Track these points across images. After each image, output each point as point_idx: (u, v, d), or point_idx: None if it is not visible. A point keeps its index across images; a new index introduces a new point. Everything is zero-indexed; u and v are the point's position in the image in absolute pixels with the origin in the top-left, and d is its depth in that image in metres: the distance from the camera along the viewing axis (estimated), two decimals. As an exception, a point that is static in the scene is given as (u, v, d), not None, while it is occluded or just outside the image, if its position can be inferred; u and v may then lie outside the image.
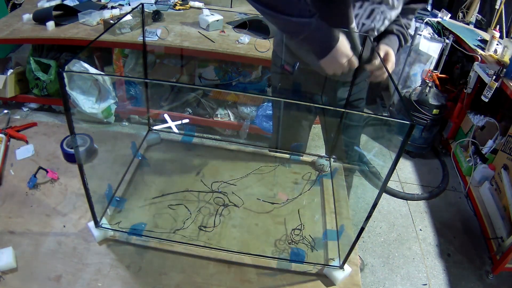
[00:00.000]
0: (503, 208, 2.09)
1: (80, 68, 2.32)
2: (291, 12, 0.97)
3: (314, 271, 0.97)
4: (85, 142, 1.23)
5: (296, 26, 0.99)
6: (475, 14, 3.27)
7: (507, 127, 2.31)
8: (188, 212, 1.06)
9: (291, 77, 1.29)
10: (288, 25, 1.01)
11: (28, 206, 1.04)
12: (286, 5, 0.96)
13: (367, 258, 2.03)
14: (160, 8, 2.64)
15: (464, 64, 2.88)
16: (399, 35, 1.19)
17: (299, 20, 0.97)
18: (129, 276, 0.90)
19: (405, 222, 2.29)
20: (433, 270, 2.02)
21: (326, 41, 1.02)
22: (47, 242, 0.95)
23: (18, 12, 2.61)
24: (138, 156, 1.24)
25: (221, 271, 0.94)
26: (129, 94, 2.69)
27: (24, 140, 1.27)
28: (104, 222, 0.98)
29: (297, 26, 0.99)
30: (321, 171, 1.29)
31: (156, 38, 2.30)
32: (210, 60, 2.65)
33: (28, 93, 2.69)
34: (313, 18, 0.98)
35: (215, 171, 1.24)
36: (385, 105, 3.27)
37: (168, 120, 2.60)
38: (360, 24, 1.11)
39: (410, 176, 2.69)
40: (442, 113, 2.65)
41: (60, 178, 1.14)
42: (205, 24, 2.44)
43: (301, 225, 1.07)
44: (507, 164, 2.16)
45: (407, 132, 0.67)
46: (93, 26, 2.39)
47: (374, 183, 2.51)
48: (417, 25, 2.84)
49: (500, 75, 2.14)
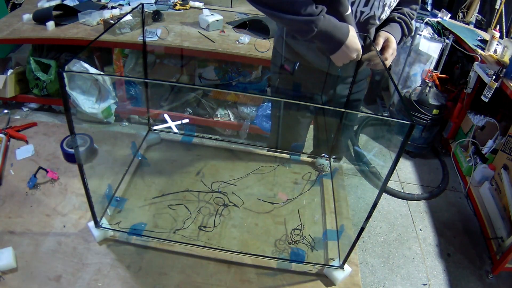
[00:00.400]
0: (503, 208, 2.09)
1: (80, 68, 2.32)
2: (298, 11, 0.94)
3: (314, 271, 0.97)
4: (85, 142, 1.23)
5: (304, 25, 0.96)
6: (475, 14, 3.27)
7: (507, 127, 2.31)
8: (188, 212, 1.07)
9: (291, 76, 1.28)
10: (296, 25, 0.98)
11: (28, 206, 1.04)
12: (291, 4, 0.94)
13: (367, 258, 2.03)
14: (160, 8, 2.64)
15: (464, 64, 2.88)
16: (401, 23, 1.16)
17: (307, 18, 0.94)
18: (129, 276, 0.90)
19: (405, 222, 2.29)
20: (433, 270, 2.02)
21: (336, 36, 1.00)
22: (47, 242, 0.95)
23: (18, 12, 2.61)
24: (138, 156, 1.24)
25: (221, 271, 0.94)
26: (129, 94, 2.69)
27: (24, 140, 1.27)
28: (104, 222, 0.98)
29: (305, 25, 0.96)
30: (321, 171, 1.29)
31: (156, 38, 2.30)
32: (210, 60, 2.65)
33: (28, 93, 2.69)
34: (320, 14, 0.95)
35: (215, 171, 1.24)
36: (385, 105, 3.27)
37: (168, 120, 2.60)
38: (358, 12, 1.08)
39: (410, 176, 2.69)
40: (442, 113, 2.65)
41: (60, 178, 1.14)
42: (205, 24, 2.44)
43: (301, 225, 1.07)
44: (507, 164, 2.16)
45: (407, 132, 0.67)
46: (93, 26, 2.39)
47: (374, 183, 2.51)
48: (417, 25, 2.84)
49: (500, 75, 2.14)
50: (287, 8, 0.94)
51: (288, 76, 1.30)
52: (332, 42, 1.01)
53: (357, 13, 1.08)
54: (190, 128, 1.40)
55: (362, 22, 1.10)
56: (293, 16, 0.95)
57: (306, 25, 0.96)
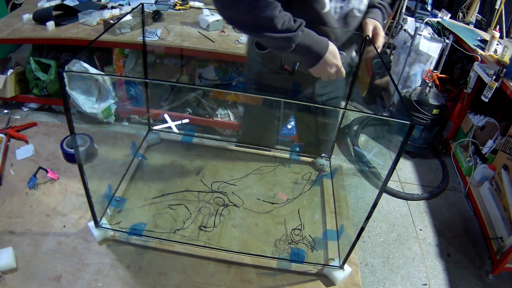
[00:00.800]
0: (503, 208, 2.09)
1: (80, 68, 2.32)
2: (276, 27, 0.93)
3: (314, 271, 0.97)
4: (85, 142, 1.23)
5: (281, 41, 0.96)
6: (475, 14, 3.27)
7: (507, 127, 2.31)
8: (188, 212, 1.07)
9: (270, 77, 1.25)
10: (274, 42, 0.98)
11: (28, 206, 1.04)
12: (269, 20, 0.92)
13: (367, 258, 2.03)
14: (160, 8, 2.64)
15: (464, 64, 2.88)
16: (381, 8, 1.17)
17: (284, 35, 0.94)
18: (129, 276, 0.90)
19: (405, 222, 2.29)
20: (433, 270, 2.02)
21: (315, 51, 1.00)
22: (47, 242, 0.95)
23: (18, 12, 2.61)
24: (138, 156, 1.24)
25: (221, 271, 0.94)
26: (129, 94, 2.69)
27: (24, 140, 1.27)
28: (104, 222, 0.98)
29: (282, 41, 0.96)
30: (321, 171, 1.29)
31: (156, 38, 2.30)
32: (210, 60, 2.65)
33: (28, 93, 2.69)
34: (298, 30, 0.95)
35: (215, 171, 1.24)
36: (385, 105, 3.27)
37: (168, 120, 2.61)
38: (338, 8, 1.07)
39: (410, 176, 2.69)
40: (442, 113, 2.65)
41: (60, 178, 1.14)
42: (205, 24, 2.44)
43: (301, 225, 1.07)
44: (507, 164, 2.16)
45: (407, 132, 0.67)
46: (93, 26, 2.39)
47: (374, 183, 2.51)
48: (417, 25, 2.84)
49: (500, 75, 2.14)
50: (266, 25, 0.93)
51: (288, 77, 1.29)
52: (310, 56, 1.02)
53: (336, 9, 1.06)
54: (190, 128, 1.40)
55: (342, 17, 1.09)
56: (271, 34, 0.94)
57: (283, 42, 0.96)
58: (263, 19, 0.92)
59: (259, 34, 0.96)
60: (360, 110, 3.33)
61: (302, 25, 0.96)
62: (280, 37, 0.94)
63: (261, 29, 0.94)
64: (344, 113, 1.43)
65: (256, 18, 0.92)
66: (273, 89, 1.29)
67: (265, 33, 0.94)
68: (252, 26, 0.96)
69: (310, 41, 0.99)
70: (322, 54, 1.01)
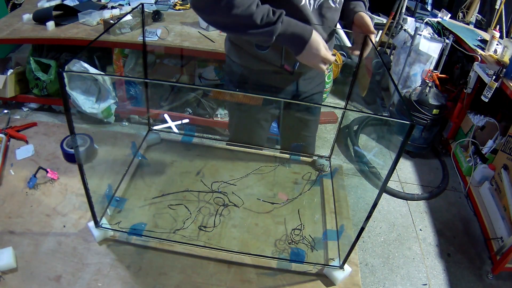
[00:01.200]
0: (503, 208, 2.09)
1: (80, 68, 2.32)
2: (255, 23, 0.94)
3: (314, 271, 0.97)
4: (85, 142, 1.23)
5: (262, 36, 0.97)
6: (475, 14, 3.28)
7: (507, 127, 2.31)
8: (188, 212, 1.07)
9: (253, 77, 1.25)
10: (255, 37, 0.99)
11: (28, 206, 1.04)
12: (248, 17, 0.93)
13: (367, 258, 2.03)
14: (160, 8, 2.65)
15: (464, 64, 2.88)
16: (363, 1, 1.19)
17: (264, 30, 0.95)
18: (129, 276, 0.90)
19: (405, 222, 2.29)
20: (433, 270, 2.02)
21: (298, 38, 1.01)
22: (47, 242, 0.95)
23: (18, 12, 2.61)
24: (138, 156, 1.24)
25: (221, 271, 0.94)
26: (129, 94, 2.69)
27: (24, 140, 1.27)
28: (104, 222, 0.98)
29: (263, 36, 0.97)
30: (321, 171, 1.29)
31: (156, 38, 2.30)
32: (210, 60, 2.65)
33: (28, 93, 2.69)
34: (278, 22, 0.95)
35: (215, 171, 1.24)
36: (385, 105, 3.27)
37: (168, 120, 2.61)
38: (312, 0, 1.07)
39: (410, 176, 2.69)
40: (442, 113, 2.65)
41: (60, 178, 1.14)
42: (205, 24, 2.44)
43: (301, 225, 1.07)
44: (507, 164, 2.16)
45: (407, 132, 0.67)
46: (93, 26, 2.39)
47: (374, 183, 2.51)
48: (417, 25, 2.84)
49: (500, 75, 2.15)
50: (245, 22, 0.94)
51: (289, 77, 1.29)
52: (295, 43, 1.02)
53: (310, 1, 1.06)
54: (190, 128, 1.40)
55: (317, 9, 1.09)
56: (252, 30, 0.95)
57: (265, 36, 0.97)
58: (242, 17, 0.93)
59: (242, 32, 0.97)
60: (360, 110, 3.33)
61: (281, 15, 0.97)
62: (260, 32, 0.96)
63: (242, 27, 0.96)
64: (344, 113, 1.43)
65: (235, 17, 0.93)
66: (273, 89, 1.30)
67: (246, 30, 0.96)
68: (232, 26, 0.97)
69: (291, 29, 1.00)
70: (306, 39, 1.01)
